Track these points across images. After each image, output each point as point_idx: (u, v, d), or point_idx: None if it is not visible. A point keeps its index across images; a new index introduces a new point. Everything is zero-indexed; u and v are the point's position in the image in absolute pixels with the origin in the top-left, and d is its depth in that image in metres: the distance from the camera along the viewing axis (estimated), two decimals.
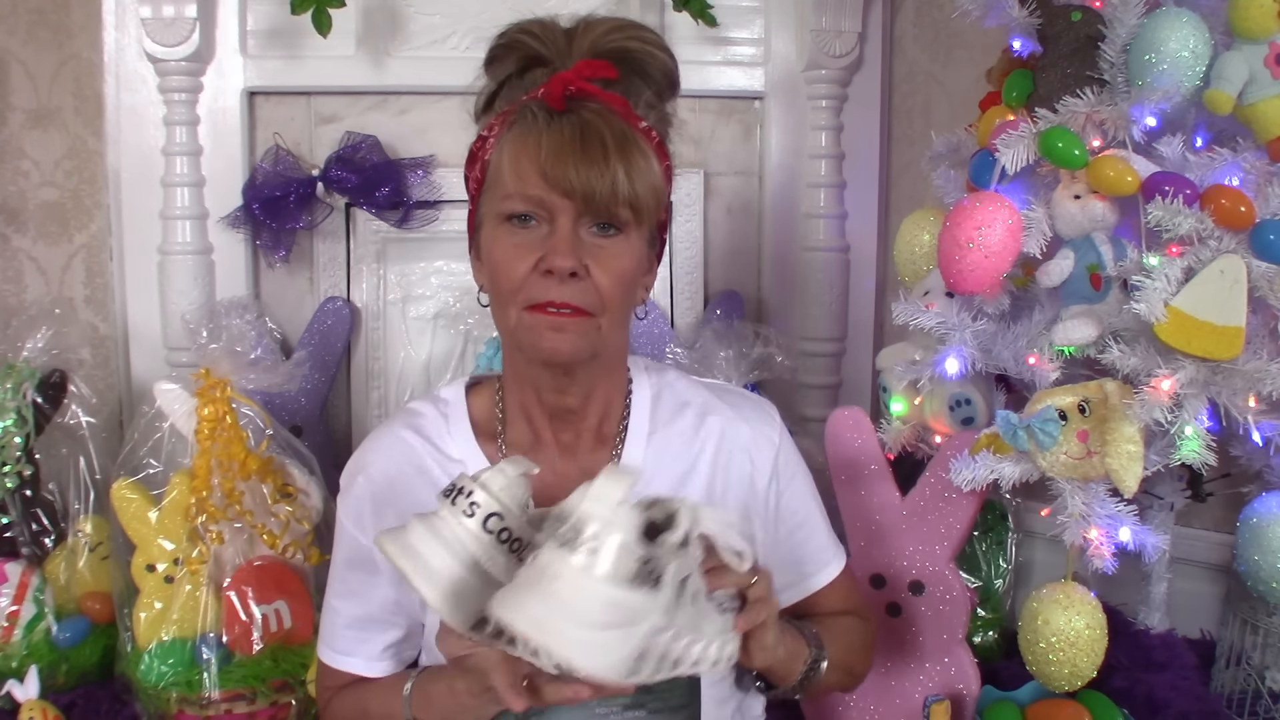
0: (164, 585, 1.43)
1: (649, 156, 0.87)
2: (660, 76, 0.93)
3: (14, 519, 1.55)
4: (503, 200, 0.87)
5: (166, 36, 1.73)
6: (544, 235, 0.86)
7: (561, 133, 0.84)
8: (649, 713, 0.93)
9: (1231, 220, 1.16)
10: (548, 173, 0.83)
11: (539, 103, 0.86)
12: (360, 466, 1.01)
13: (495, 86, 0.94)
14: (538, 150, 0.84)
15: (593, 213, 0.85)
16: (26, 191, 1.88)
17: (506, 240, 0.87)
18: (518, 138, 0.86)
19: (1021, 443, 1.25)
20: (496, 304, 0.91)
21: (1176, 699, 1.36)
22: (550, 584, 0.66)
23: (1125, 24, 1.28)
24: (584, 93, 0.86)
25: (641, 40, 0.91)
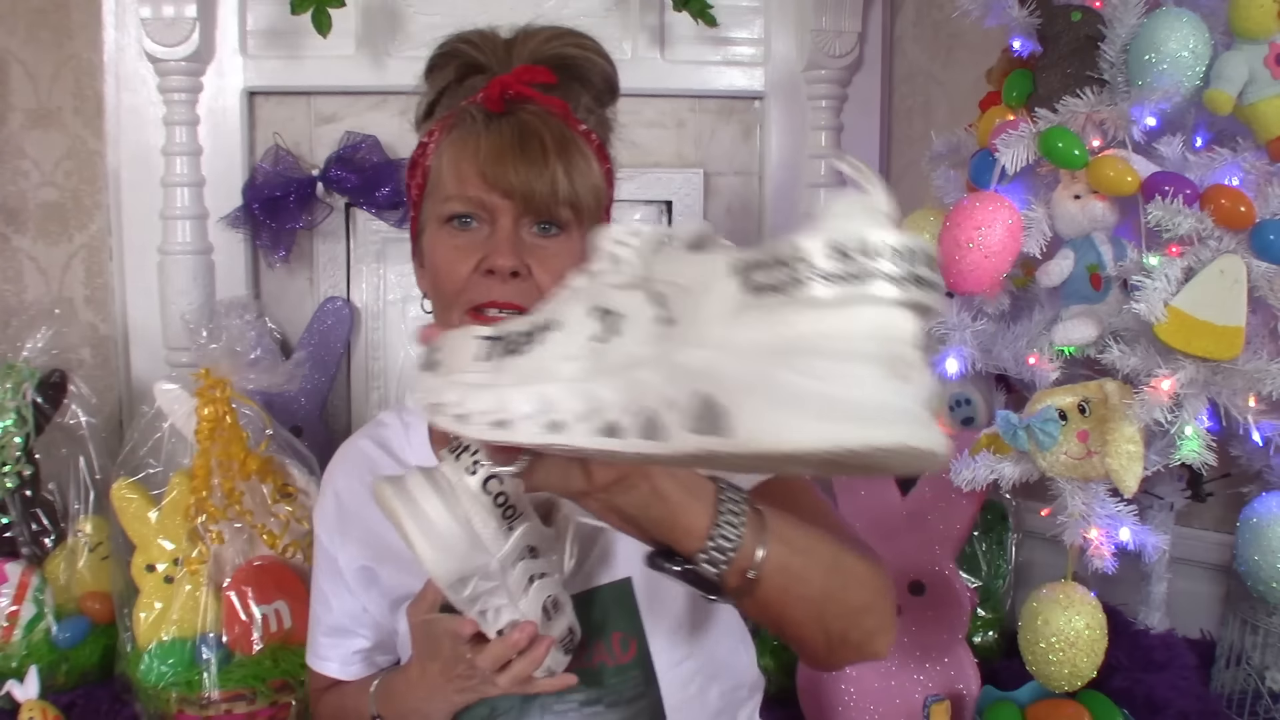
0: (164, 585, 1.43)
1: (589, 158, 0.87)
2: (600, 82, 0.93)
3: (14, 519, 1.55)
4: (443, 203, 0.87)
5: (166, 36, 1.73)
6: (485, 236, 0.86)
7: (500, 134, 0.84)
8: (606, 706, 0.93)
9: (1231, 220, 1.16)
10: (487, 173, 0.84)
11: (478, 106, 0.87)
12: (328, 479, 1.06)
13: (435, 95, 0.95)
14: (477, 151, 0.84)
15: (533, 212, 0.85)
16: (26, 191, 1.88)
17: (447, 242, 0.87)
18: (457, 140, 0.87)
19: (1021, 443, 1.25)
20: (439, 308, 0.90)
21: (1176, 699, 1.36)
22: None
23: (1125, 24, 1.28)
24: (522, 96, 0.86)
25: (580, 46, 0.92)
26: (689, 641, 0.96)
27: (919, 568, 1.38)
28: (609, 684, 0.93)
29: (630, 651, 0.93)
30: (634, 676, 0.93)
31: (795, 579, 0.72)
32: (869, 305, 0.45)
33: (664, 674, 0.94)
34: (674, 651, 0.95)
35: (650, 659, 0.93)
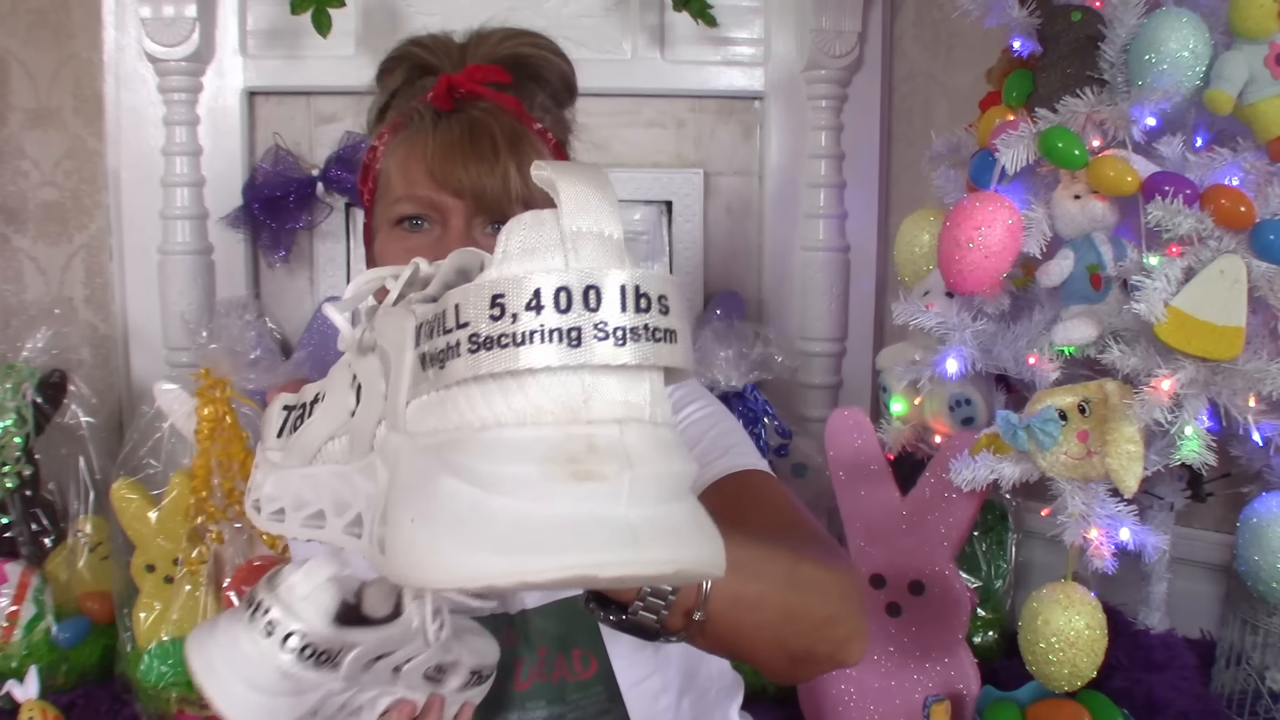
0: (164, 585, 1.43)
1: (544, 154, 0.84)
2: (557, 80, 0.91)
3: (14, 519, 1.55)
4: (393, 205, 0.83)
5: (166, 36, 1.73)
6: (436, 237, 0.82)
7: (450, 131, 0.81)
8: None
9: (1231, 220, 1.16)
10: (436, 172, 0.80)
11: (427, 105, 0.84)
12: None
13: (386, 98, 0.92)
14: (425, 150, 0.81)
15: (485, 211, 0.81)
16: (26, 191, 1.88)
17: (397, 245, 0.83)
18: (405, 141, 0.83)
19: (1021, 443, 1.25)
20: None
21: (1176, 699, 1.36)
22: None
23: (1125, 24, 1.28)
24: (474, 94, 0.83)
25: (536, 46, 0.89)
26: (653, 659, 0.92)
27: (919, 568, 1.38)
28: (571, 699, 0.90)
29: (591, 668, 0.90)
30: (597, 693, 0.91)
31: (748, 608, 0.64)
32: (533, 377, 0.34)
33: (629, 690, 0.91)
34: (637, 669, 0.91)
35: (613, 675, 0.90)
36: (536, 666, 0.90)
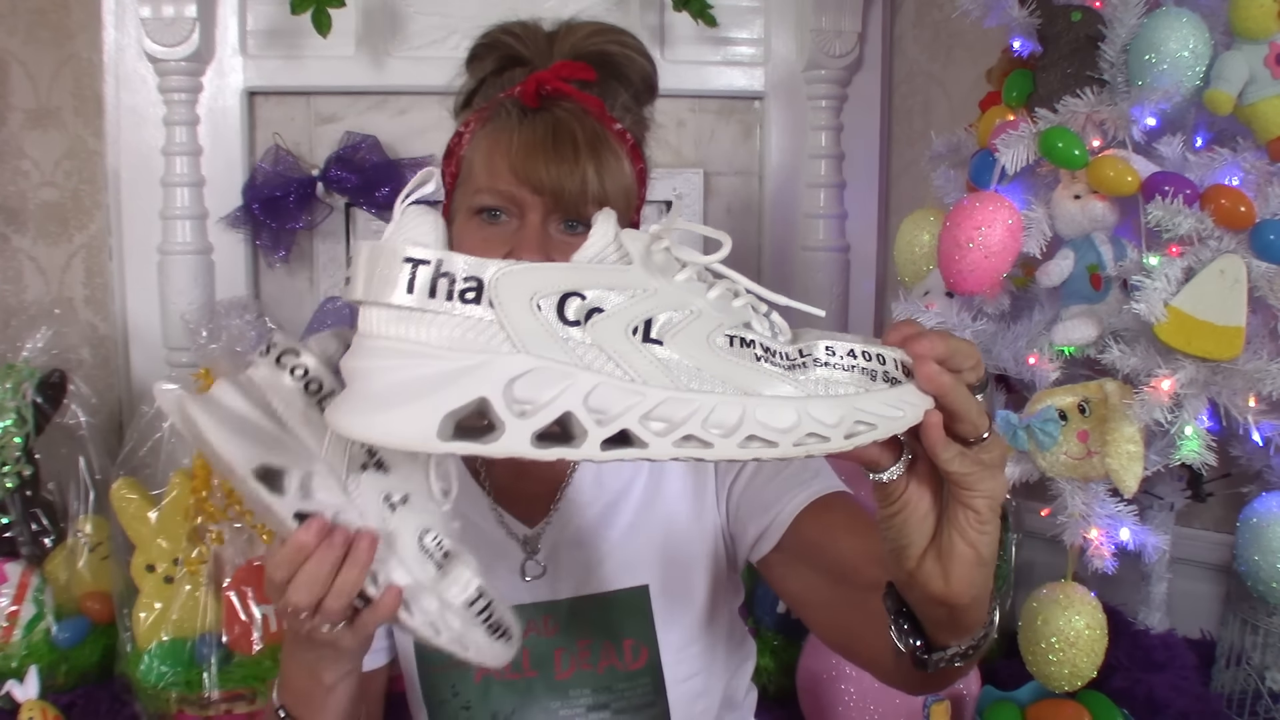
0: (164, 585, 1.43)
1: (621, 157, 0.86)
2: (639, 80, 0.93)
3: (14, 519, 1.55)
4: (474, 194, 0.86)
5: (166, 36, 1.73)
6: (513, 230, 0.85)
7: (534, 130, 0.84)
8: (613, 713, 0.93)
9: (1231, 220, 1.16)
10: (518, 168, 0.83)
11: (514, 100, 0.86)
12: None
13: (474, 84, 0.95)
14: (509, 146, 0.84)
15: (561, 210, 0.84)
16: (26, 191, 1.88)
17: (475, 234, 0.86)
18: (491, 134, 0.86)
19: (1021, 443, 1.25)
20: None
21: (1176, 699, 1.36)
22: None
23: (1125, 24, 1.28)
24: (559, 92, 0.85)
25: (621, 44, 0.91)
26: (700, 658, 0.95)
27: None
28: (618, 689, 0.92)
29: (641, 659, 0.93)
30: (644, 684, 0.93)
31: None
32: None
33: (673, 686, 0.93)
34: (685, 665, 0.94)
35: (661, 669, 0.93)
36: (578, 656, 0.92)
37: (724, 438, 0.50)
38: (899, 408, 0.54)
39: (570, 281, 0.49)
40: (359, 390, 0.48)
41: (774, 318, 0.55)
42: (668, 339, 0.50)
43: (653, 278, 0.52)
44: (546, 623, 0.92)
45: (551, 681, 0.92)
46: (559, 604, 0.93)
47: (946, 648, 0.66)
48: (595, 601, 0.93)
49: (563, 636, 0.92)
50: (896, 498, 0.60)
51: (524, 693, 0.92)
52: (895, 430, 0.53)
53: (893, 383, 0.55)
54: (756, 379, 0.51)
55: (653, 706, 0.93)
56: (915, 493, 0.60)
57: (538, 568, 0.93)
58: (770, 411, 0.50)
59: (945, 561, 0.61)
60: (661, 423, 0.49)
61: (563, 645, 0.92)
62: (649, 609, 0.93)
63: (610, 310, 0.50)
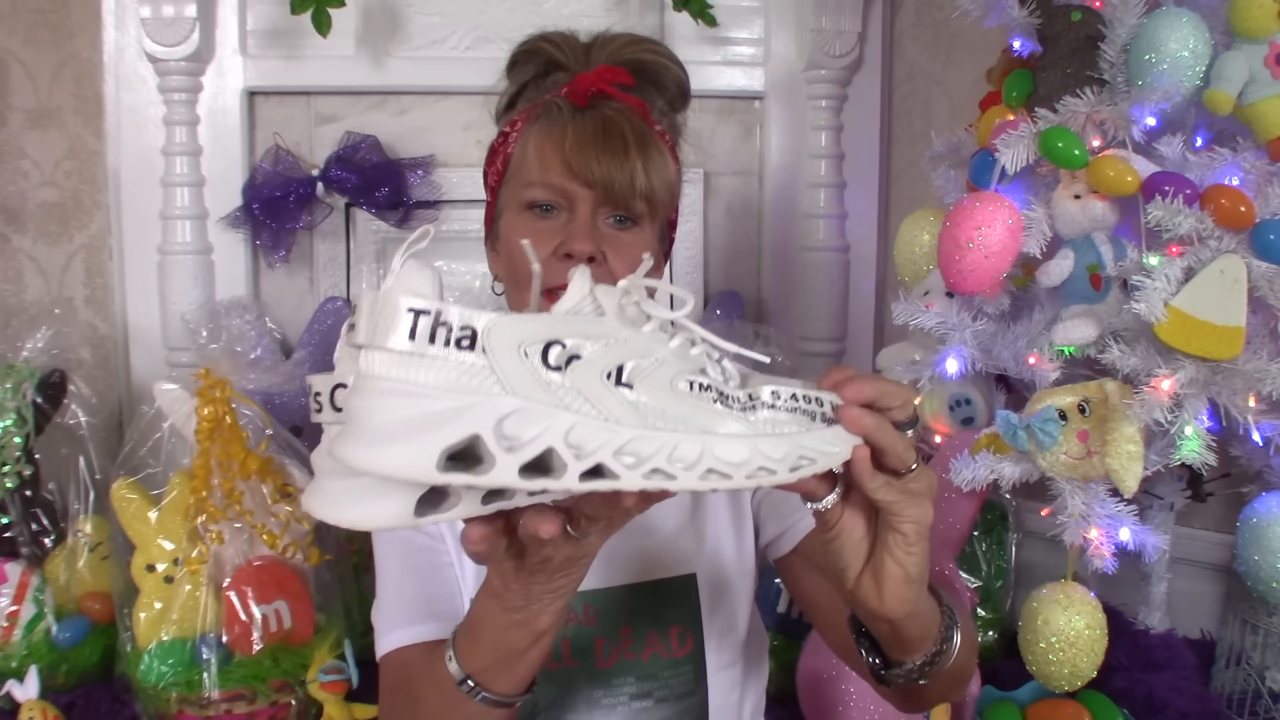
0: (164, 585, 1.43)
1: (665, 155, 0.91)
2: (673, 87, 0.99)
3: (14, 519, 1.55)
4: (525, 189, 0.90)
5: (166, 36, 1.73)
6: (563, 223, 0.89)
7: (585, 126, 0.87)
8: (655, 701, 0.94)
9: (1231, 220, 1.16)
10: (571, 162, 0.87)
11: (564, 99, 0.90)
12: None
13: (516, 89, 0.99)
14: (562, 141, 0.87)
15: (611, 203, 0.89)
16: (26, 191, 1.88)
17: (527, 226, 0.90)
18: (543, 130, 0.90)
19: (1021, 443, 1.25)
20: (513, 291, 0.94)
21: (1176, 699, 1.36)
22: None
23: (1125, 24, 1.28)
24: (605, 93, 0.89)
25: (656, 53, 0.97)
26: (738, 647, 0.98)
27: None
28: (662, 677, 0.94)
29: (687, 646, 0.95)
30: (686, 672, 0.95)
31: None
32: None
33: (713, 675, 0.96)
34: (725, 654, 0.97)
35: (704, 657, 0.95)
36: (620, 645, 0.93)
37: (686, 470, 0.56)
38: (834, 444, 0.61)
39: (552, 331, 0.55)
40: (362, 425, 0.52)
41: (725, 364, 0.61)
42: (637, 383, 0.56)
43: (623, 328, 0.57)
44: (587, 612, 0.94)
45: (593, 670, 0.93)
46: (600, 593, 0.94)
47: (902, 664, 0.73)
48: (645, 589, 0.95)
49: (603, 625, 0.94)
50: (833, 524, 0.66)
51: (564, 683, 0.93)
52: (831, 465, 0.61)
53: (829, 422, 0.62)
54: (713, 419, 0.58)
55: (693, 695, 0.95)
56: (850, 519, 0.66)
57: None
58: (726, 448, 0.57)
59: (879, 581, 0.66)
60: (632, 457, 0.55)
61: (603, 634, 0.94)
62: (697, 598, 0.95)
63: (587, 357, 0.55)
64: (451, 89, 1.86)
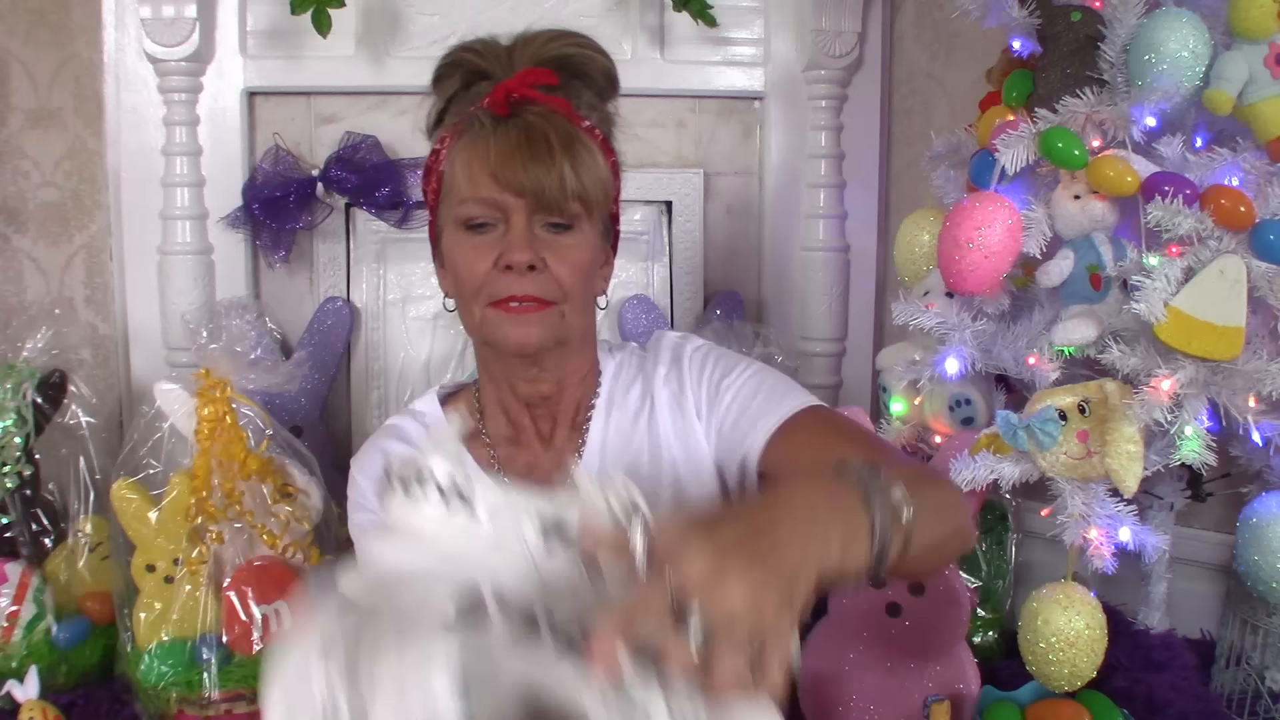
0: (164, 585, 1.43)
1: (594, 152, 0.91)
2: (600, 77, 0.97)
3: (14, 519, 1.55)
4: (458, 206, 0.91)
5: (166, 36, 1.73)
6: (500, 235, 0.90)
7: (508, 135, 0.88)
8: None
9: (1231, 220, 1.16)
10: (498, 174, 0.87)
11: (485, 111, 0.90)
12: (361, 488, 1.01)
13: (444, 103, 0.99)
14: (487, 154, 0.88)
15: (544, 209, 0.89)
16: (26, 191, 1.88)
17: (465, 244, 0.91)
18: (468, 145, 0.90)
19: (1021, 443, 1.25)
20: (462, 306, 0.95)
21: (1176, 699, 1.36)
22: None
23: (1125, 24, 1.29)
24: (527, 98, 0.89)
25: (579, 45, 0.95)
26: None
27: None
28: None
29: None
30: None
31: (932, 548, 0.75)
32: None
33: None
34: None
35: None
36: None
37: None
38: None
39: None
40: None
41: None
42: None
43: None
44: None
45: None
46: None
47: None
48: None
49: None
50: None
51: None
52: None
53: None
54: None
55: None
56: None
57: None
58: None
59: None
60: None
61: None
62: None
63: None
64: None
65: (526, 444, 1.00)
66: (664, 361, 1.01)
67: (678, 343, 1.03)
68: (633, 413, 1.00)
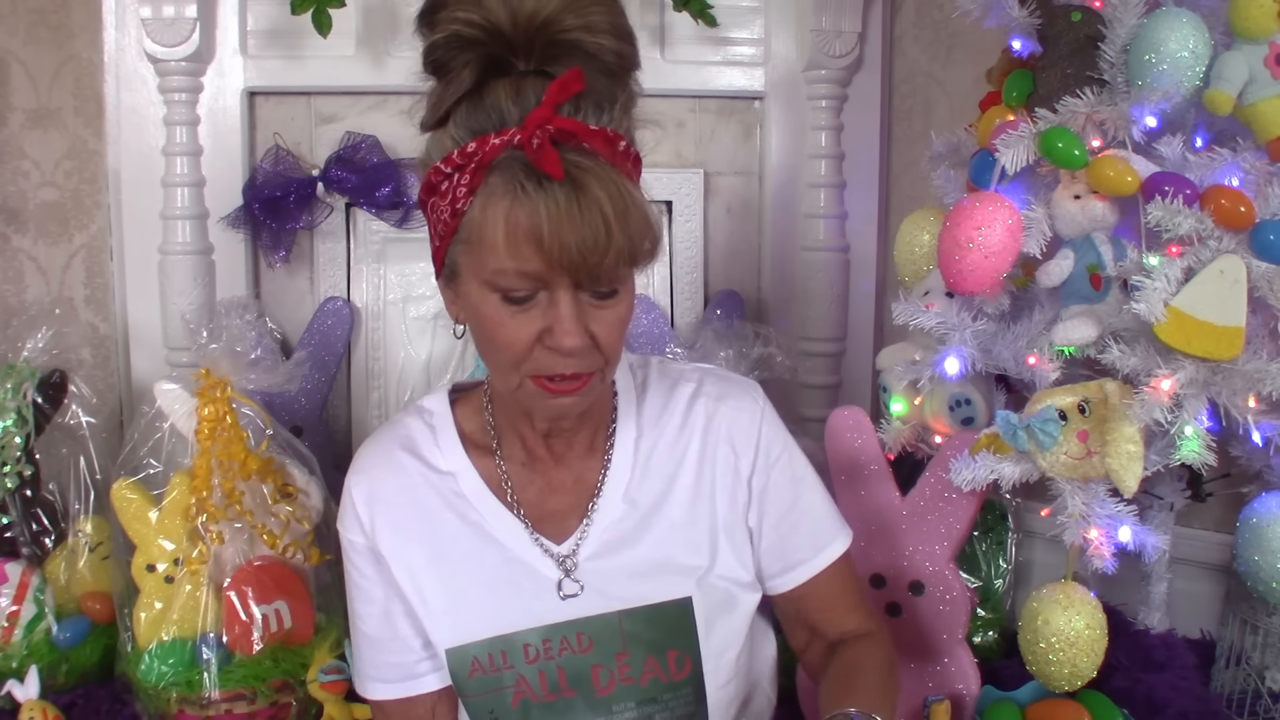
0: (164, 585, 1.43)
1: (640, 201, 0.81)
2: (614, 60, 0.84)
3: (14, 519, 1.55)
4: (494, 273, 0.80)
5: (166, 36, 1.73)
6: (543, 308, 0.81)
7: (555, 204, 0.76)
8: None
9: (1231, 220, 1.16)
10: (547, 250, 0.76)
11: (523, 162, 0.78)
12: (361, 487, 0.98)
13: (452, 102, 0.85)
14: (532, 224, 0.76)
15: (593, 282, 0.80)
16: (26, 191, 1.88)
17: (503, 313, 0.81)
18: (507, 207, 0.77)
19: (1021, 443, 1.25)
20: (496, 369, 0.87)
21: (1176, 699, 1.36)
22: None
23: (1125, 24, 1.28)
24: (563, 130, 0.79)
25: (588, 31, 0.81)
26: (734, 665, 0.97)
27: (919, 568, 1.38)
28: (663, 700, 0.93)
29: (685, 669, 0.94)
30: (686, 694, 0.94)
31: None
32: None
33: (713, 694, 0.95)
34: (723, 673, 0.96)
35: (702, 678, 0.94)
36: (617, 671, 0.92)
37: None
38: None
39: None
40: None
41: None
42: None
43: None
44: (580, 640, 0.92)
45: (592, 699, 0.92)
46: (593, 620, 0.92)
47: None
48: (641, 615, 0.93)
49: (598, 652, 0.92)
50: None
51: (564, 712, 0.92)
52: None
53: None
54: None
55: (693, 717, 0.95)
56: None
57: (575, 585, 0.93)
58: None
59: None
60: None
61: (599, 661, 0.92)
62: (693, 622, 0.94)
63: None
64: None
65: (541, 470, 0.96)
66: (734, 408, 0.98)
67: (752, 399, 1.00)
68: (666, 446, 0.98)
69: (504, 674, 0.92)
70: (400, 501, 0.95)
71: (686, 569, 0.95)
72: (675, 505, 0.96)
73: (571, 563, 0.94)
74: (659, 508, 0.96)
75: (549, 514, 0.96)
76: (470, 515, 0.95)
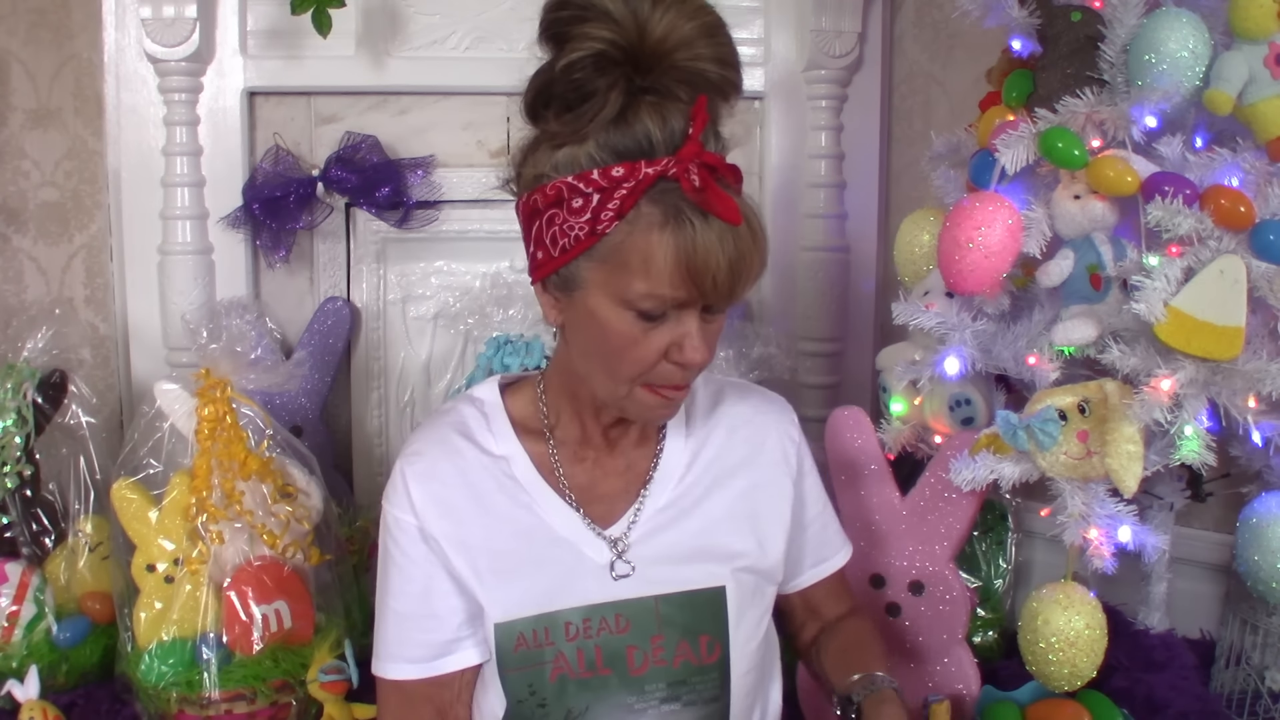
0: (164, 585, 1.43)
1: (760, 225, 0.86)
2: (732, 90, 0.90)
3: (14, 519, 1.55)
4: (640, 296, 0.84)
5: (166, 36, 1.73)
6: (670, 322, 0.87)
7: (719, 240, 0.82)
8: (683, 704, 0.97)
9: (1231, 220, 1.16)
10: (697, 279, 0.83)
11: (682, 197, 0.82)
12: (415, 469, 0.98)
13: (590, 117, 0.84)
14: (693, 259, 0.82)
15: (724, 306, 0.88)
16: (26, 191, 1.88)
17: (636, 330, 0.86)
18: (671, 240, 0.82)
19: (1021, 443, 1.25)
20: (607, 373, 0.91)
21: (1176, 699, 1.36)
22: None
23: (1125, 24, 1.29)
24: (708, 165, 0.83)
25: (719, 63, 0.86)
26: (755, 654, 1.02)
27: (919, 568, 1.38)
28: (691, 683, 0.97)
29: (715, 654, 0.98)
30: (713, 678, 0.98)
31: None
32: None
33: (737, 680, 0.99)
34: (746, 660, 1.00)
35: (729, 664, 0.98)
36: (651, 653, 0.96)
37: None
38: None
39: None
40: None
41: None
42: None
43: None
44: (618, 621, 0.96)
45: (626, 677, 0.96)
46: (632, 603, 0.96)
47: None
48: (677, 600, 0.97)
49: (635, 633, 0.96)
50: None
51: (598, 689, 0.95)
52: None
53: None
54: None
55: (717, 700, 0.98)
56: None
57: (627, 567, 0.97)
58: None
59: None
60: None
61: (634, 642, 0.96)
62: (725, 609, 0.98)
63: None
64: (451, 89, 1.86)
65: (594, 457, 1.01)
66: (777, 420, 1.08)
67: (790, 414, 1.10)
68: (716, 443, 1.04)
69: (545, 650, 0.95)
70: (455, 482, 0.98)
71: (724, 558, 1.00)
72: (717, 498, 1.02)
73: (624, 544, 0.98)
74: (703, 499, 1.01)
75: (598, 497, 1.00)
76: (521, 497, 0.98)
